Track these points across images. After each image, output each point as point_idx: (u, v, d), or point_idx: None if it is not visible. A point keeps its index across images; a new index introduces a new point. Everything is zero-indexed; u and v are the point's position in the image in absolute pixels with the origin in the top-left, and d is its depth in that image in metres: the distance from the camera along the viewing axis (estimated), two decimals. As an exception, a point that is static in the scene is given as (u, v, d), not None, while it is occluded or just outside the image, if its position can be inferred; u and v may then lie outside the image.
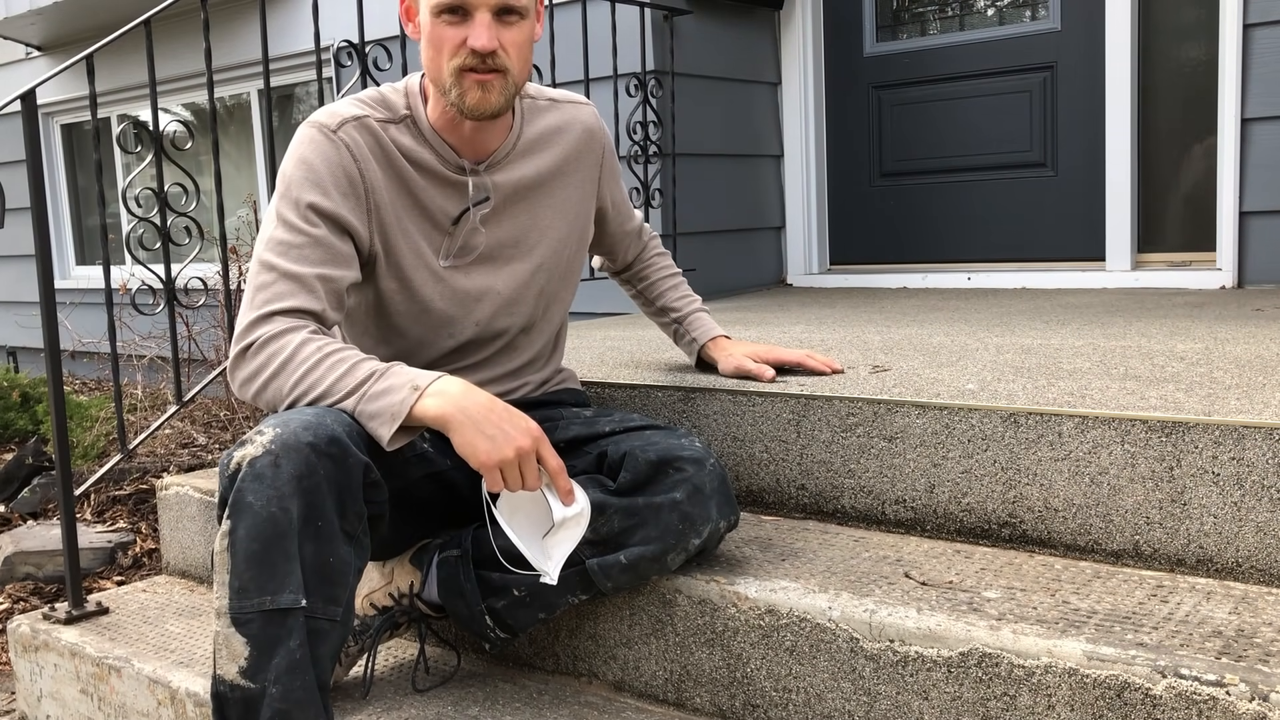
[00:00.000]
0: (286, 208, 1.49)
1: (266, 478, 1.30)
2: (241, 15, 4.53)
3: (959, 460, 1.61)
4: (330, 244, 1.49)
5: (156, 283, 2.35)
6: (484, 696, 1.61)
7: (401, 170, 1.56)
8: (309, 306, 1.45)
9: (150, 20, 2.30)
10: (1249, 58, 2.96)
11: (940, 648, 1.31)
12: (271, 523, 1.30)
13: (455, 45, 1.48)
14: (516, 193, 1.64)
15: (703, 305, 1.99)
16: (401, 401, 1.35)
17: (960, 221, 3.65)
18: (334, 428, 1.33)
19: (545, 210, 1.68)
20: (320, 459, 1.31)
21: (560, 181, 1.69)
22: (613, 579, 1.50)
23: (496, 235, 1.64)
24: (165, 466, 3.34)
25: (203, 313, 3.48)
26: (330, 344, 1.42)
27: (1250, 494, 1.40)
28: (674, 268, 2.01)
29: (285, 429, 1.32)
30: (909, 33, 3.72)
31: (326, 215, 1.49)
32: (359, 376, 1.38)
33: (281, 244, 1.47)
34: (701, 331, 1.96)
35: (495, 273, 1.65)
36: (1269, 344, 2.00)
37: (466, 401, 1.36)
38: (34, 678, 2.12)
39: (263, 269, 1.47)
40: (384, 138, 1.55)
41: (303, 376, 1.39)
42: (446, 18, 1.47)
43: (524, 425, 1.37)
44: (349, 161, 1.51)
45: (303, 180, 1.49)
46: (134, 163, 5.42)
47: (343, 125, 1.52)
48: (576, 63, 3.23)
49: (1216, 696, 1.13)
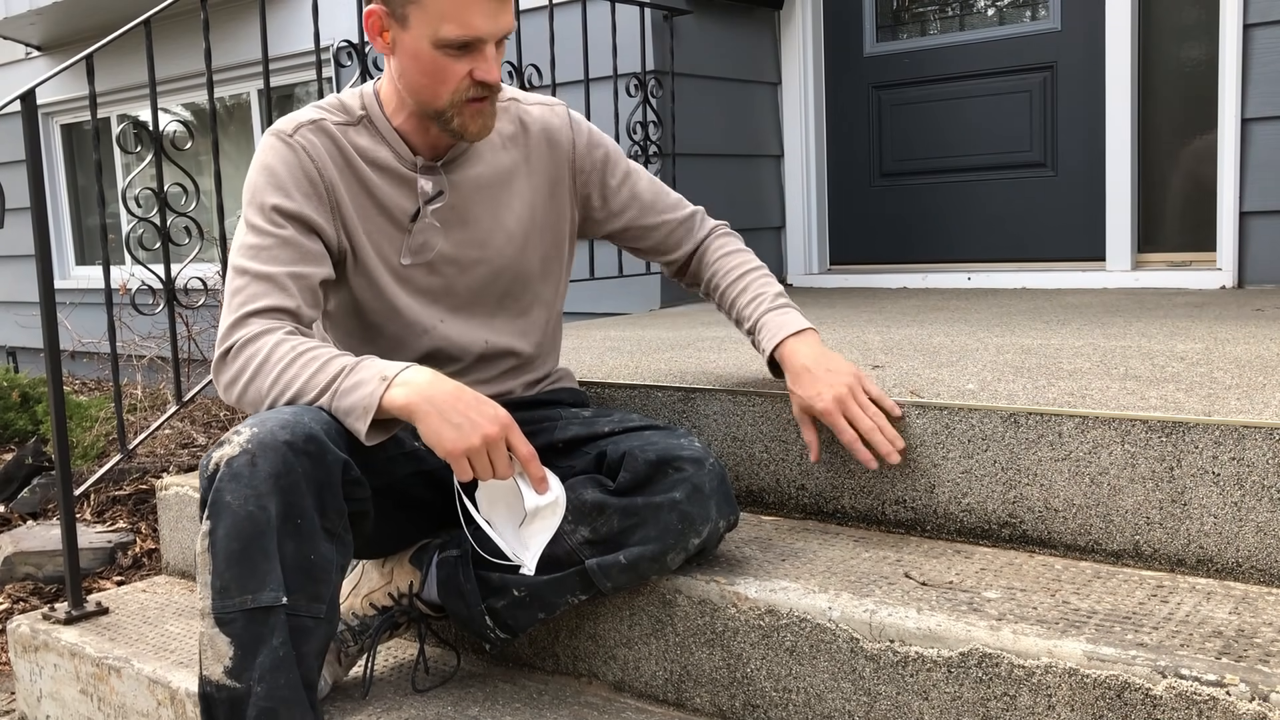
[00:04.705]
0: (253, 213, 1.52)
1: (244, 477, 1.31)
2: (241, 15, 4.53)
3: (959, 460, 1.61)
4: (298, 243, 1.51)
5: (156, 283, 2.35)
6: (484, 696, 1.61)
7: (359, 170, 1.57)
8: (283, 305, 1.47)
9: (150, 20, 2.30)
10: (1249, 58, 2.96)
11: (940, 648, 1.31)
12: (250, 521, 1.30)
13: (460, 77, 1.49)
14: (478, 190, 1.64)
15: (774, 301, 1.70)
16: (371, 394, 1.36)
17: (960, 221, 3.65)
18: (311, 426, 1.34)
19: (507, 210, 1.66)
20: (298, 457, 1.32)
21: (523, 181, 1.68)
22: (612, 579, 1.49)
23: (460, 235, 1.64)
24: (165, 466, 3.33)
25: (203, 313, 3.48)
26: (304, 343, 1.43)
27: (1250, 494, 1.40)
28: (740, 261, 1.76)
29: (262, 428, 1.33)
30: (909, 33, 3.72)
31: (291, 216, 1.51)
32: (331, 373, 1.39)
33: (251, 248, 1.50)
34: (767, 337, 1.67)
35: (459, 273, 1.65)
36: (1269, 344, 2.00)
37: (432, 390, 1.36)
38: (34, 678, 2.12)
39: (235, 274, 1.50)
40: (341, 140, 1.57)
41: (278, 377, 1.41)
42: (452, 51, 1.47)
43: (492, 413, 1.37)
44: (307, 163, 1.54)
45: (265, 185, 1.53)
46: (134, 163, 5.42)
47: (298, 129, 1.55)
48: (576, 63, 3.23)
49: (1216, 696, 1.13)
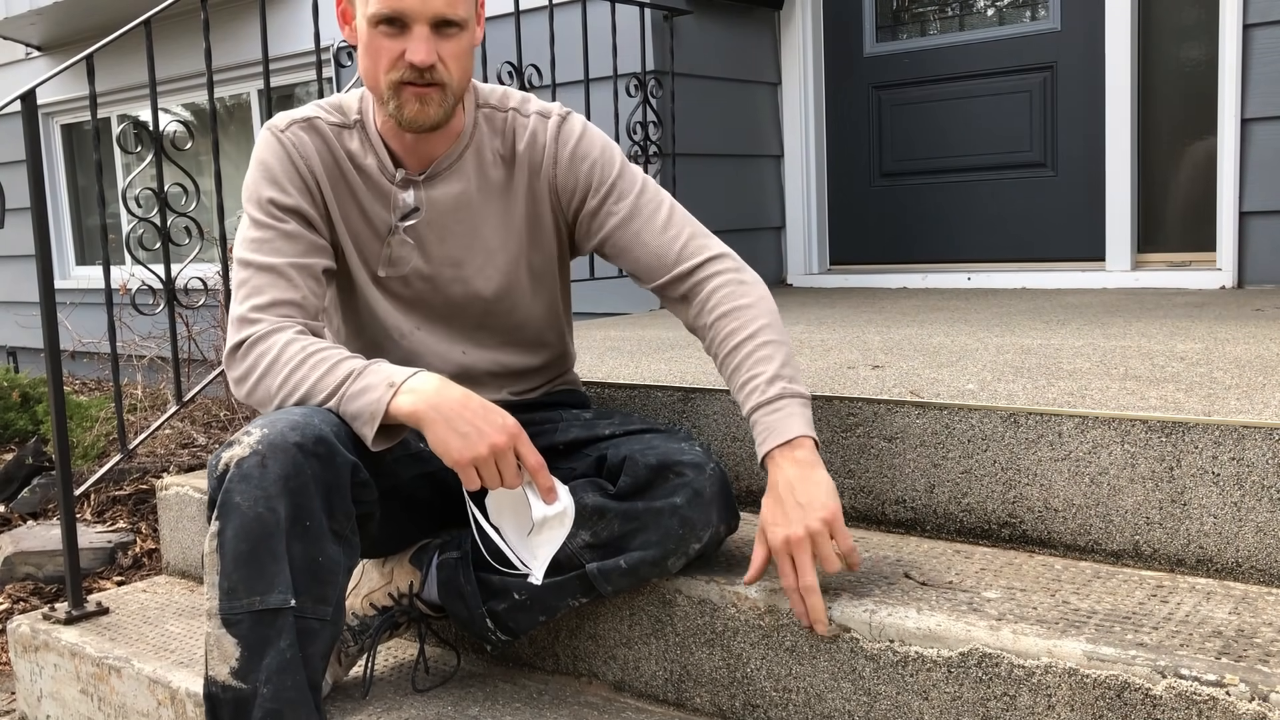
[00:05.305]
0: (252, 208, 1.54)
1: (254, 478, 1.30)
2: (241, 15, 4.53)
3: (959, 460, 1.61)
4: (298, 234, 1.52)
5: (156, 283, 2.35)
6: (484, 696, 1.61)
7: (347, 174, 1.57)
8: (289, 297, 1.48)
9: (150, 20, 2.30)
10: (1249, 58, 2.96)
11: (940, 648, 1.31)
12: (259, 523, 1.30)
13: (393, 58, 1.46)
14: (458, 208, 1.58)
15: (766, 391, 1.43)
16: (378, 400, 1.36)
17: (960, 221, 3.65)
18: (321, 428, 1.34)
19: (488, 229, 1.60)
20: (307, 459, 1.32)
21: (506, 198, 1.60)
22: (613, 583, 1.49)
23: (435, 251, 1.59)
24: (165, 466, 3.33)
25: (203, 313, 3.48)
26: (314, 343, 1.43)
27: (1250, 494, 1.40)
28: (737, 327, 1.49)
29: (272, 429, 1.33)
30: (909, 33, 3.72)
31: (287, 209, 1.53)
32: (339, 376, 1.39)
33: (253, 241, 1.51)
34: (759, 442, 1.44)
35: (434, 290, 1.61)
36: (1269, 344, 2.00)
37: (439, 398, 1.35)
38: (34, 678, 2.12)
39: (240, 267, 1.51)
40: (333, 141, 1.57)
41: (287, 377, 1.41)
42: (384, 28, 1.45)
43: (500, 421, 1.36)
44: (297, 158, 1.54)
45: (261, 179, 1.54)
46: (134, 163, 5.42)
47: (290, 126, 1.56)
48: (576, 63, 3.23)
49: (1216, 696, 1.13)
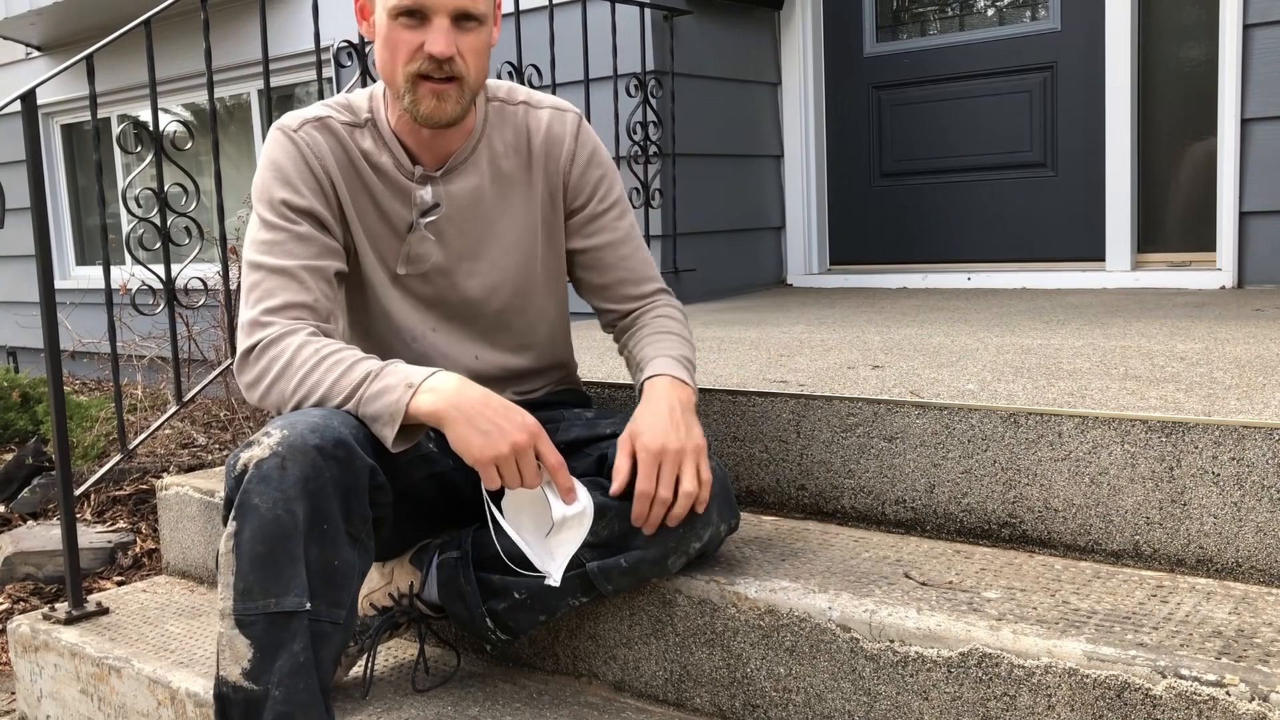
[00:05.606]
0: (263, 208, 1.52)
1: (273, 480, 1.30)
2: (241, 15, 4.53)
3: (959, 460, 1.61)
4: (311, 236, 1.51)
5: (156, 283, 2.35)
6: (484, 696, 1.61)
7: (363, 173, 1.57)
8: (301, 299, 1.47)
9: (150, 20, 2.30)
10: (1249, 58, 2.96)
11: (940, 648, 1.31)
12: (277, 525, 1.30)
13: (412, 50, 1.46)
14: (475, 202, 1.60)
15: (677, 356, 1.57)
16: (397, 400, 1.35)
17: (960, 222, 3.65)
18: (340, 430, 1.33)
19: (505, 222, 1.62)
20: (326, 462, 1.31)
21: (523, 191, 1.62)
22: (613, 582, 1.49)
23: (455, 246, 1.61)
24: (165, 467, 3.33)
25: (203, 313, 3.48)
26: (328, 345, 1.42)
27: (1250, 494, 1.40)
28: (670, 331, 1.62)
29: (292, 431, 1.32)
30: (909, 33, 3.72)
31: (300, 210, 1.51)
32: (356, 377, 1.38)
33: (264, 243, 1.50)
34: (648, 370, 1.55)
35: (453, 286, 1.62)
36: (1269, 344, 2.00)
37: (460, 397, 1.35)
38: (34, 678, 2.12)
39: (251, 269, 1.50)
40: (347, 140, 1.56)
41: (303, 380, 1.40)
42: (404, 20, 1.45)
43: (520, 420, 1.36)
44: (311, 159, 1.53)
45: (272, 180, 1.52)
46: (134, 163, 5.42)
47: (303, 125, 1.55)
48: (576, 63, 3.23)
49: (1216, 696, 1.13)
